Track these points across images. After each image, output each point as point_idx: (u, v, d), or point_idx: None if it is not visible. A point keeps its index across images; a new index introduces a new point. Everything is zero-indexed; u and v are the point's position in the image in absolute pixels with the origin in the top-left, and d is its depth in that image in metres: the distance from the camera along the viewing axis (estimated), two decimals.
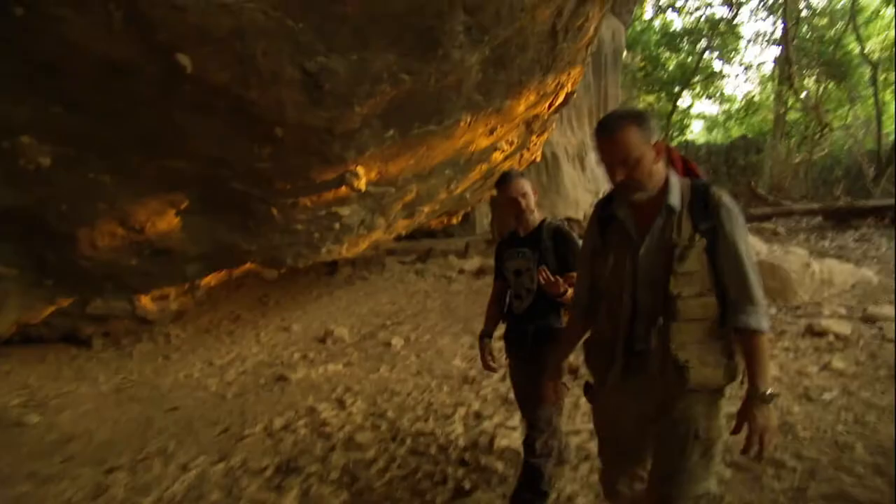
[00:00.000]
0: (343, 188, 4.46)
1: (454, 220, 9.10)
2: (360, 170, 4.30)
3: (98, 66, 2.87)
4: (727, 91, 28.23)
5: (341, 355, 5.67)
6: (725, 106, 30.01)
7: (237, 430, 3.80)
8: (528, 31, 4.27)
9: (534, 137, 6.77)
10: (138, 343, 6.70)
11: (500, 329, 2.79)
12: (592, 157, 10.92)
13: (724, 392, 1.62)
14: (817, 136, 19.44)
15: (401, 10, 3.17)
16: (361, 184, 4.38)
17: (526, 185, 2.52)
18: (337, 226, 5.03)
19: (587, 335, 1.90)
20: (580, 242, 2.16)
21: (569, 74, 5.66)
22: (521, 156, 7.07)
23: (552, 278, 2.16)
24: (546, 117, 6.45)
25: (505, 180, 2.54)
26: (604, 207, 1.79)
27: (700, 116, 32.24)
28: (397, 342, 5.73)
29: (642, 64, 24.54)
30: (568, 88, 5.98)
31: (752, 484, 2.69)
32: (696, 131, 33.87)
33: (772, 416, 1.53)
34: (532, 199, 2.52)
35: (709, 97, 28.25)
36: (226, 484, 3.01)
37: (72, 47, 2.69)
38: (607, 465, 1.90)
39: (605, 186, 10.82)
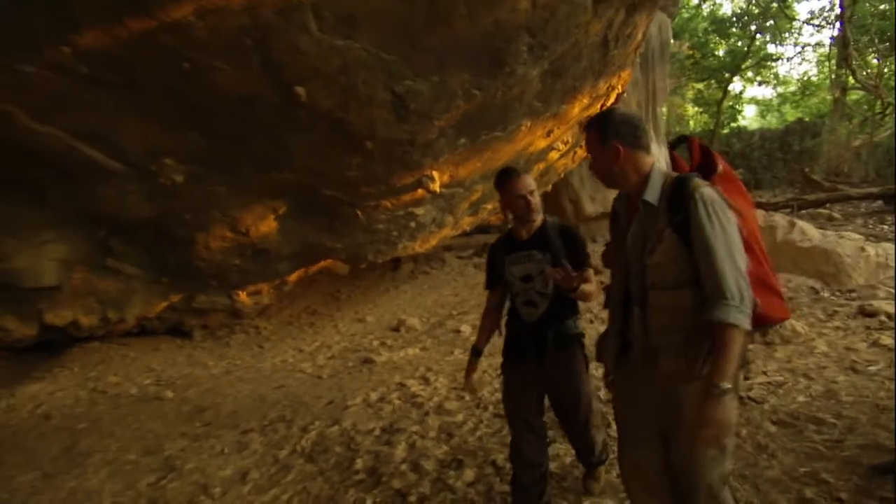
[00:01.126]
0: (419, 191, 5.05)
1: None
2: (435, 174, 4.88)
3: (232, 100, 3.53)
4: (781, 73, 27.23)
5: (416, 342, 6.29)
6: (780, 89, 29.12)
7: (340, 402, 4.44)
8: (583, 44, 4.73)
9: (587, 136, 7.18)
10: (233, 334, 7.52)
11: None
12: None
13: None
14: (879, 117, 18.79)
15: (475, 38, 3.70)
16: (436, 186, 4.95)
17: (532, 182, 2.37)
18: (412, 224, 5.64)
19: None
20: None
21: (619, 77, 6.06)
22: (575, 153, 7.49)
23: (572, 273, 2.05)
24: None
25: (508, 177, 2.36)
26: (617, 202, 1.93)
27: (753, 101, 31.36)
28: (465, 329, 6.29)
29: (690, 52, 24.20)
30: (618, 90, 6.38)
31: (794, 436, 3.10)
32: (749, 116, 33.01)
33: (721, 410, 1.49)
34: (538, 196, 2.38)
35: (762, 82, 27.47)
36: (343, 441, 3.64)
37: (218, 88, 3.36)
38: (627, 456, 1.90)
39: None
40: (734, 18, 24.02)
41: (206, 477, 3.31)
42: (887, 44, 18.61)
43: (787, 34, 24.34)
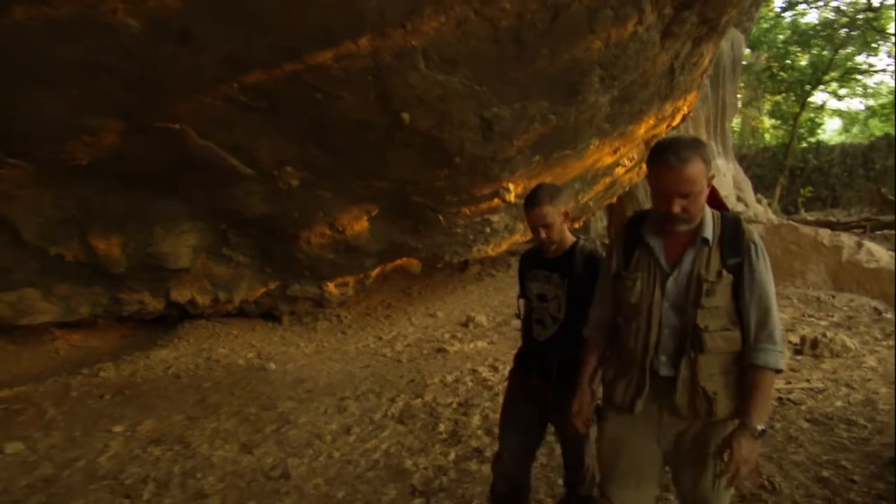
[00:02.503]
0: (496, 200, 5.69)
1: (576, 225, 10.04)
2: (511, 186, 5.50)
3: (349, 122, 4.29)
4: (871, 84, 25.82)
5: (483, 336, 6.93)
6: (868, 101, 27.76)
7: (420, 381, 5.14)
8: (650, 73, 5.21)
9: None
10: (317, 321, 8.40)
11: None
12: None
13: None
14: None
15: (553, 72, 4.30)
16: (511, 196, 5.57)
17: (549, 215, 2.21)
18: (488, 230, 6.28)
19: (606, 358, 1.94)
20: None
21: (685, 100, 6.47)
22: (640, 168, 7.90)
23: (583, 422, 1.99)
24: (664, 136, 7.26)
25: (528, 205, 2.26)
26: (633, 231, 1.79)
27: (836, 113, 29.99)
28: None
29: (767, 63, 23.62)
30: (684, 111, 6.78)
31: (824, 432, 3.52)
32: (832, 129, 31.61)
33: (755, 451, 1.56)
34: (557, 229, 2.25)
35: (840, 98, 26.29)
36: (426, 410, 4.32)
37: (340, 113, 4.12)
38: (610, 487, 1.82)
39: (723, 192, 11.17)
40: (819, 28, 23.15)
41: (317, 428, 4.08)
42: None
43: (878, 44, 23.26)
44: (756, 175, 20.10)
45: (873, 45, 22.94)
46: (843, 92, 26.21)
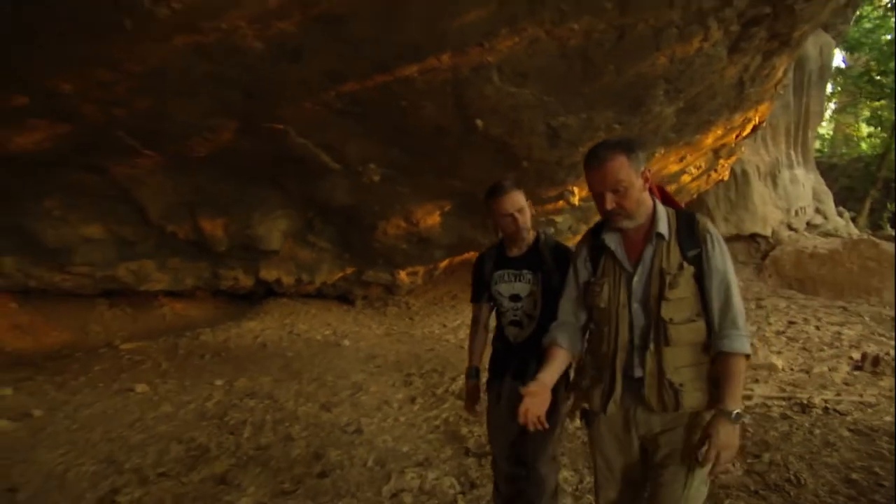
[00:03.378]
0: (560, 202, 6.04)
1: None
2: (576, 189, 5.83)
3: (429, 127, 4.78)
4: None
5: None
6: None
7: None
8: (717, 85, 5.38)
9: (721, 161, 7.65)
10: (387, 306, 9.04)
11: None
12: (787, 175, 11.06)
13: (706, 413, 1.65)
14: None
15: (619, 86, 4.61)
16: (575, 199, 5.90)
17: (521, 199, 2.19)
18: (552, 230, 6.64)
19: (577, 362, 1.90)
20: None
21: (756, 111, 6.53)
22: (709, 176, 7.96)
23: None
24: (734, 145, 7.31)
25: (496, 193, 2.18)
26: (593, 238, 1.81)
27: None
28: None
29: (867, 67, 22.17)
30: (755, 122, 6.81)
31: (864, 442, 3.65)
32: None
33: (734, 435, 1.56)
34: (528, 214, 2.21)
35: None
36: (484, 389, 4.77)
37: (421, 119, 4.62)
38: (604, 498, 1.83)
39: (797, 204, 10.89)
40: None
41: (386, 397, 4.63)
42: None
43: None
44: (846, 187, 18.99)
45: None
46: None
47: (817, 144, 26.13)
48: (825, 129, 26.63)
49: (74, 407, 4.26)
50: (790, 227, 10.88)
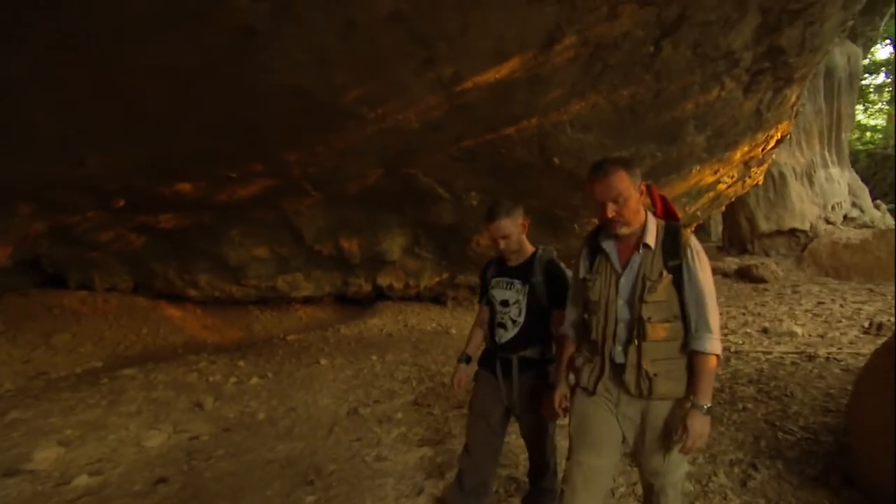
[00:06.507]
0: None
1: (689, 230, 11.54)
2: None
3: (518, 164, 6.58)
4: None
5: None
6: None
7: None
8: (738, 115, 6.94)
9: (753, 169, 9.09)
10: (472, 304, 10.84)
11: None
12: (822, 175, 12.24)
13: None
14: None
15: (658, 126, 6.27)
16: None
17: (507, 227, 2.42)
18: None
19: (578, 349, 2.12)
20: (570, 276, 2.33)
21: (776, 128, 7.99)
22: (744, 182, 9.40)
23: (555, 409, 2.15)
24: (762, 156, 8.76)
25: (488, 219, 2.45)
26: (593, 240, 2.06)
27: None
28: None
29: None
30: (777, 136, 8.26)
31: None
32: None
33: (706, 424, 1.81)
34: (514, 240, 2.46)
35: None
36: None
37: (513, 159, 6.42)
38: (576, 460, 2.00)
39: (833, 200, 12.07)
40: None
41: None
42: None
43: None
44: None
45: None
46: None
47: (868, 136, 26.41)
48: (881, 121, 26.89)
49: (288, 372, 6.25)
50: (827, 221, 12.04)
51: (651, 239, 1.89)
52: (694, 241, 1.89)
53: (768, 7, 5.04)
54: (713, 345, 1.82)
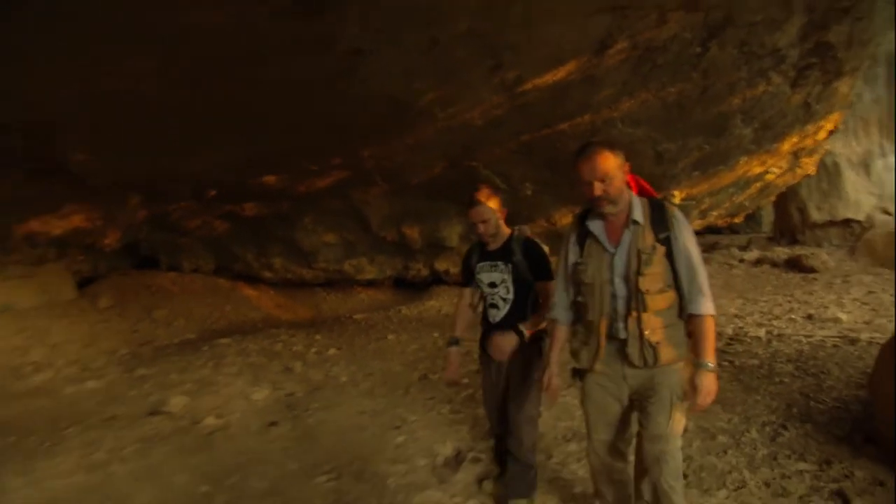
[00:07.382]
0: None
1: (737, 220, 11.72)
2: (676, 192, 7.84)
3: (569, 156, 7.04)
4: None
5: None
6: None
7: None
8: (786, 108, 7.19)
9: (803, 159, 9.23)
10: None
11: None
12: (880, 164, 12.11)
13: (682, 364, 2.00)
14: None
15: (705, 120, 6.62)
16: (676, 200, 7.91)
17: (485, 213, 2.63)
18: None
19: (572, 332, 2.19)
20: (547, 251, 2.61)
21: (827, 119, 8.14)
22: (794, 172, 9.55)
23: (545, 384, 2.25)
24: (813, 146, 8.90)
25: (469, 204, 2.65)
26: (580, 225, 2.15)
27: None
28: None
29: None
30: (829, 127, 8.40)
31: None
32: None
33: (713, 382, 1.90)
34: (493, 224, 2.66)
35: None
36: None
37: (566, 152, 6.78)
38: (597, 439, 2.13)
39: (888, 190, 11.92)
40: None
41: None
42: None
43: None
44: None
45: None
46: None
47: None
48: None
49: (360, 345, 6.98)
50: (885, 212, 11.93)
51: (639, 215, 2.01)
52: (679, 214, 2.03)
53: (814, 6, 5.34)
54: (708, 306, 1.95)
